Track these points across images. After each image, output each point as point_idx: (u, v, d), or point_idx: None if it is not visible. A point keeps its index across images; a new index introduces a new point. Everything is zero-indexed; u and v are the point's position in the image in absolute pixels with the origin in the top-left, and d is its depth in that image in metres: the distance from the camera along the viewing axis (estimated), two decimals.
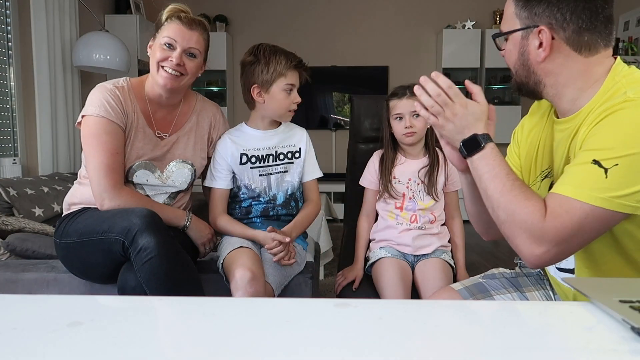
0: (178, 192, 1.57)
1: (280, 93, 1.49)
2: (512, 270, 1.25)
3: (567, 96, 0.99)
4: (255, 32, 5.19)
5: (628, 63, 1.01)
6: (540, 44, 0.97)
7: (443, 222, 1.72)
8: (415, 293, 1.57)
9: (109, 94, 1.42)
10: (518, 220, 0.88)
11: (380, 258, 1.61)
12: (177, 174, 1.54)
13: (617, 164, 0.83)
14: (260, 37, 5.02)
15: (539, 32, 0.96)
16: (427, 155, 1.70)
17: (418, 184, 1.66)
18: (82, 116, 1.43)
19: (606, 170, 0.83)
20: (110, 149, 1.40)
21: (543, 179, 1.09)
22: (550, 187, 1.06)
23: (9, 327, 0.57)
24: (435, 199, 1.66)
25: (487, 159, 0.94)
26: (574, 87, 0.98)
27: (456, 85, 0.99)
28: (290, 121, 1.66)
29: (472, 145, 0.96)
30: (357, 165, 1.86)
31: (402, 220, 1.66)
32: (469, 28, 5.04)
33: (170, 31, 1.43)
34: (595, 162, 0.84)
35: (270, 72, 1.47)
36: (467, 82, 1.03)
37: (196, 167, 1.58)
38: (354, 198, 1.85)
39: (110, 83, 1.47)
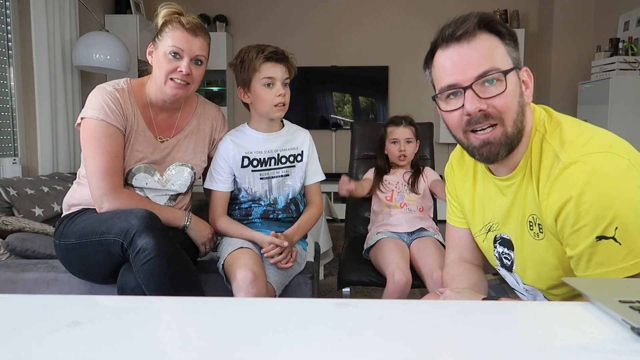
0: (177, 195, 1.56)
1: (261, 89, 1.46)
2: (496, 277, 1.23)
3: (519, 150, 0.92)
4: (255, 32, 5.18)
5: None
6: (526, 85, 0.92)
7: (432, 216, 1.98)
8: (413, 273, 1.69)
9: (109, 97, 1.40)
10: None
11: (379, 240, 1.81)
12: (177, 177, 1.53)
13: (617, 227, 0.79)
14: (260, 37, 5.01)
15: (525, 71, 0.92)
16: (411, 169, 2.05)
17: (404, 185, 2.00)
18: (82, 118, 1.42)
19: (614, 238, 0.79)
20: (110, 152, 1.39)
21: (487, 232, 1.07)
22: (495, 241, 1.05)
23: (9, 327, 0.57)
24: (417, 193, 1.96)
25: None
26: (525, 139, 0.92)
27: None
28: (291, 121, 1.65)
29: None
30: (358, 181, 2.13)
31: (393, 207, 1.95)
32: None
33: (175, 40, 1.38)
34: (600, 238, 0.80)
35: (246, 70, 1.46)
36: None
37: (196, 170, 1.57)
38: (354, 212, 2.03)
39: (110, 85, 1.44)
